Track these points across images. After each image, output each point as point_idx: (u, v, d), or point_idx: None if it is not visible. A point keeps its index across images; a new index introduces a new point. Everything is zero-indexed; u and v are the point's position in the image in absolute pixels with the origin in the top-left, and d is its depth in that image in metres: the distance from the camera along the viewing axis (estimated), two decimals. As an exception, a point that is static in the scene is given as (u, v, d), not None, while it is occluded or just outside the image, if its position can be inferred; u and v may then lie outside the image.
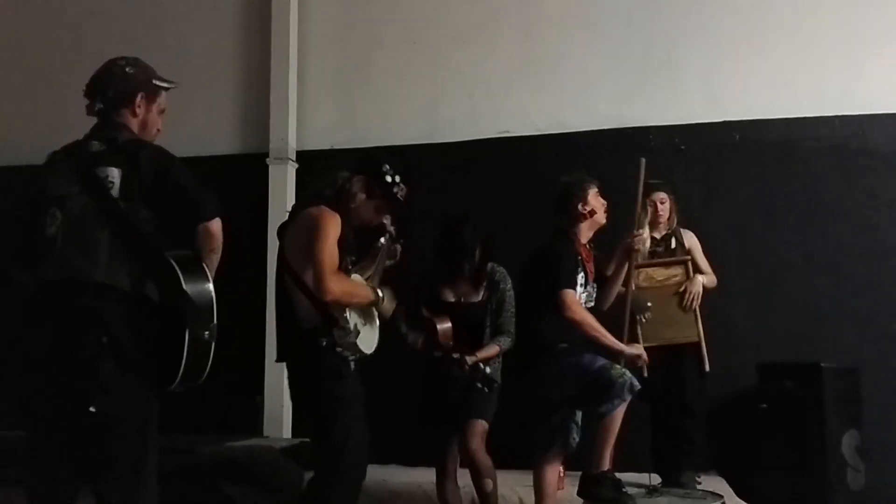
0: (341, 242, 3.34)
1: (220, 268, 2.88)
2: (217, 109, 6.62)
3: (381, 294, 3.53)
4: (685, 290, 4.88)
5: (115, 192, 2.75)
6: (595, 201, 4.13)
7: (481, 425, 4.22)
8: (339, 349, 3.32)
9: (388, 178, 3.52)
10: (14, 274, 2.81)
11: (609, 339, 3.94)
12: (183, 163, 2.87)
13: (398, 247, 3.76)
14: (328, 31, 6.54)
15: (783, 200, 5.66)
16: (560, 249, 4.05)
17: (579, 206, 4.10)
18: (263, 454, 5.30)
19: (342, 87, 6.51)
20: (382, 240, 3.64)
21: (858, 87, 5.61)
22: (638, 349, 4.11)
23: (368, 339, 3.48)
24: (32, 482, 2.84)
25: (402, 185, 3.54)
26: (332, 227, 3.31)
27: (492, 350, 4.30)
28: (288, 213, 3.68)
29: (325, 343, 3.29)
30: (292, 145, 6.37)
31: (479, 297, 4.40)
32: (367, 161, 3.63)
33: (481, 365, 4.17)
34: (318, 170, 5.51)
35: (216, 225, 2.83)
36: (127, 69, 2.94)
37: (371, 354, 3.48)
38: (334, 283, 3.26)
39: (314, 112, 6.48)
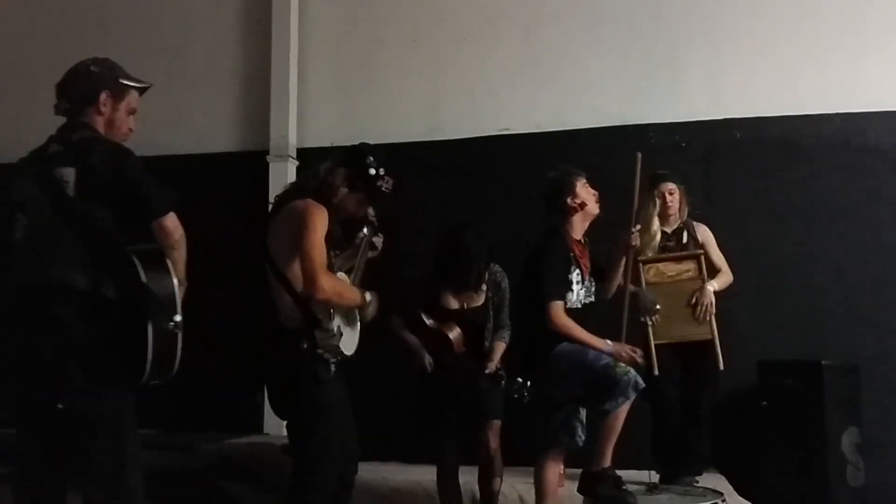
0: (327, 237, 3.23)
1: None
2: (217, 107, 6.61)
3: (368, 298, 3.41)
4: (696, 302, 4.70)
5: (70, 191, 2.73)
6: (584, 192, 4.06)
7: (497, 425, 4.28)
8: (320, 351, 3.20)
9: (373, 171, 3.37)
10: None
11: (594, 342, 3.89)
12: (139, 159, 2.83)
13: (380, 237, 3.69)
14: (329, 29, 6.53)
15: (784, 198, 5.65)
16: (550, 252, 3.98)
17: (568, 200, 4.04)
18: (264, 452, 5.30)
19: (343, 84, 6.50)
20: (365, 231, 3.55)
21: (860, 84, 5.59)
22: (622, 346, 3.97)
23: (350, 341, 3.37)
24: (20, 481, 2.84)
25: (387, 178, 3.41)
26: (321, 221, 3.20)
27: (501, 349, 4.34)
28: (271, 206, 3.52)
29: (305, 346, 3.18)
30: (293, 143, 6.36)
31: (483, 301, 4.42)
32: (351, 153, 3.49)
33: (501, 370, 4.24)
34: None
35: (170, 221, 2.78)
36: (91, 68, 2.91)
37: (352, 357, 3.37)
38: (326, 282, 3.15)
39: (315, 109, 6.47)
